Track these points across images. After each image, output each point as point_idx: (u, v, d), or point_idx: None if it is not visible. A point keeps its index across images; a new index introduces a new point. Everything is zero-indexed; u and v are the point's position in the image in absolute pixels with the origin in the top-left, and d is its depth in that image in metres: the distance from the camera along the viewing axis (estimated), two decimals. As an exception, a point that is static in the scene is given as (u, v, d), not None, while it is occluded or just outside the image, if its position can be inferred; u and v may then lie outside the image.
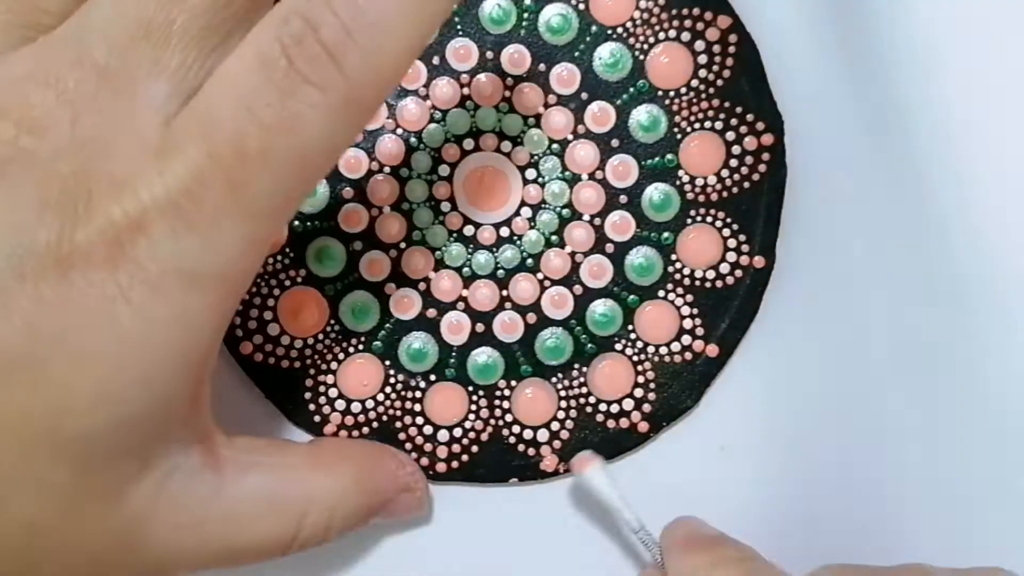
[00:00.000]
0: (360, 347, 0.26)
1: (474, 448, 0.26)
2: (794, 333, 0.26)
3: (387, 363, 0.26)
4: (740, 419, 0.26)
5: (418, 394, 0.26)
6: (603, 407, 0.26)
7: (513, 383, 0.26)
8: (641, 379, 0.26)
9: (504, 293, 0.26)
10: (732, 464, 0.26)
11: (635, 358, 0.26)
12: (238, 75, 0.18)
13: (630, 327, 0.26)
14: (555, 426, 0.26)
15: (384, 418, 0.26)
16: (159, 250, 0.18)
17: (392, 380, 0.26)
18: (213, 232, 0.18)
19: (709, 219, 0.26)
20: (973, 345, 0.26)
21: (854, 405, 0.26)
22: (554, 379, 0.26)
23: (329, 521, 0.22)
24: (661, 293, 0.26)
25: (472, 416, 0.26)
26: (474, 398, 0.26)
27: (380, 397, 0.26)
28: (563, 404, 0.26)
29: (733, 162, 0.26)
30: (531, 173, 0.26)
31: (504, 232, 0.26)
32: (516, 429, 0.26)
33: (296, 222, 0.26)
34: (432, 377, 0.26)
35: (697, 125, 0.26)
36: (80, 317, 0.18)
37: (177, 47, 0.18)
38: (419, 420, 0.26)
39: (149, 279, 0.18)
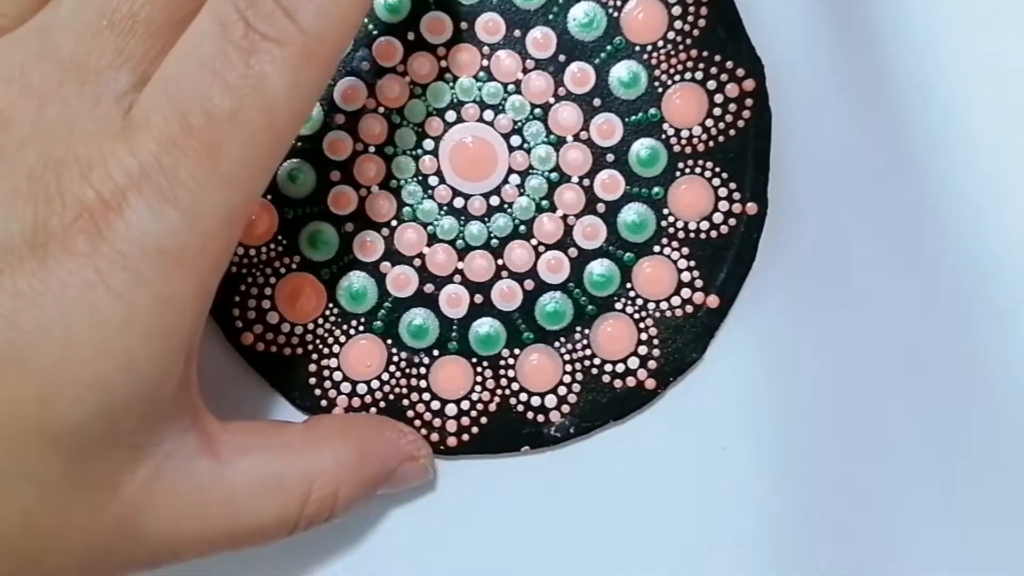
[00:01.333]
0: (361, 328, 0.26)
1: (483, 419, 0.26)
2: (793, 277, 0.26)
3: (389, 342, 0.26)
4: (746, 369, 0.26)
5: (422, 370, 0.26)
6: (608, 367, 0.26)
7: (516, 351, 0.26)
8: (644, 336, 0.26)
9: (500, 262, 0.26)
10: (739, 427, 0.26)
11: (636, 316, 0.26)
12: (199, 42, 0.18)
13: (628, 285, 0.26)
14: (562, 390, 0.26)
15: (391, 397, 0.26)
16: (137, 230, 0.18)
17: (395, 359, 0.26)
18: (191, 203, 0.18)
19: (698, 170, 0.26)
20: (971, 279, 0.26)
21: (856, 353, 0.26)
22: (557, 344, 0.26)
23: (334, 497, 0.22)
24: (656, 248, 0.26)
25: (478, 388, 0.26)
26: (479, 369, 0.26)
27: (385, 376, 0.26)
28: (568, 368, 0.26)
29: (717, 111, 0.26)
30: (516, 140, 0.26)
31: (494, 201, 0.26)
32: (523, 397, 0.26)
33: (286, 208, 0.26)
34: (435, 352, 0.26)
35: (677, 77, 0.26)
36: (60, 307, 0.17)
37: (141, 37, 0.19)
38: (426, 396, 0.26)
39: (129, 263, 0.18)
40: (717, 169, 0.26)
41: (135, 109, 0.18)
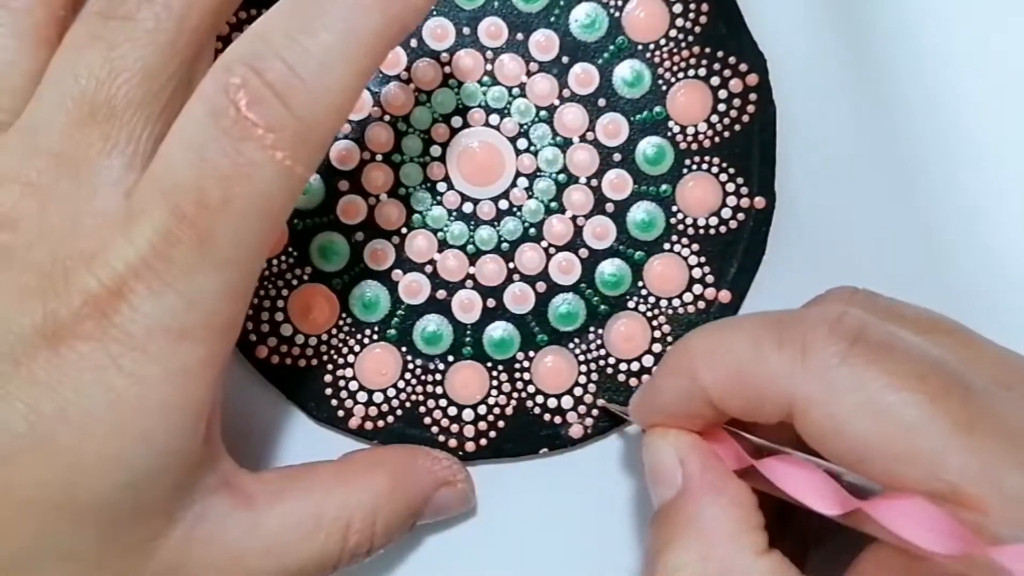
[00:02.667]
0: (375, 337, 0.26)
1: (500, 423, 0.26)
2: (802, 269, 0.26)
3: (403, 349, 0.26)
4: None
5: (438, 376, 0.26)
6: (623, 367, 0.26)
7: (531, 354, 0.26)
8: (658, 334, 0.26)
9: (511, 265, 0.26)
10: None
11: (649, 314, 0.26)
12: (189, 130, 0.18)
13: (640, 283, 0.26)
14: (578, 391, 0.26)
15: (407, 404, 0.26)
16: (141, 313, 0.18)
17: (410, 366, 0.26)
18: (189, 286, 0.18)
19: (705, 166, 0.26)
20: (970, 252, 0.26)
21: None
22: (571, 345, 0.26)
23: (372, 529, 0.22)
24: (667, 246, 0.26)
25: (494, 392, 0.26)
26: (494, 374, 0.26)
27: (401, 384, 0.26)
28: (583, 369, 0.26)
29: (721, 106, 0.26)
30: (522, 143, 0.26)
31: (503, 205, 0.26)
32: (540, 399, 0.26)
33: (296, 220, 0.26)
34: (450, 358, 0.26)
35: (681, 74, 0.26)
36: (76, 390, 0.18)
37: (123, 120, 0.19)
38: (442, 402, 0.26)
39: (136, 344, 0.18)
40: (724, 164, 0.26)
41: (134, 197, 0.19)
